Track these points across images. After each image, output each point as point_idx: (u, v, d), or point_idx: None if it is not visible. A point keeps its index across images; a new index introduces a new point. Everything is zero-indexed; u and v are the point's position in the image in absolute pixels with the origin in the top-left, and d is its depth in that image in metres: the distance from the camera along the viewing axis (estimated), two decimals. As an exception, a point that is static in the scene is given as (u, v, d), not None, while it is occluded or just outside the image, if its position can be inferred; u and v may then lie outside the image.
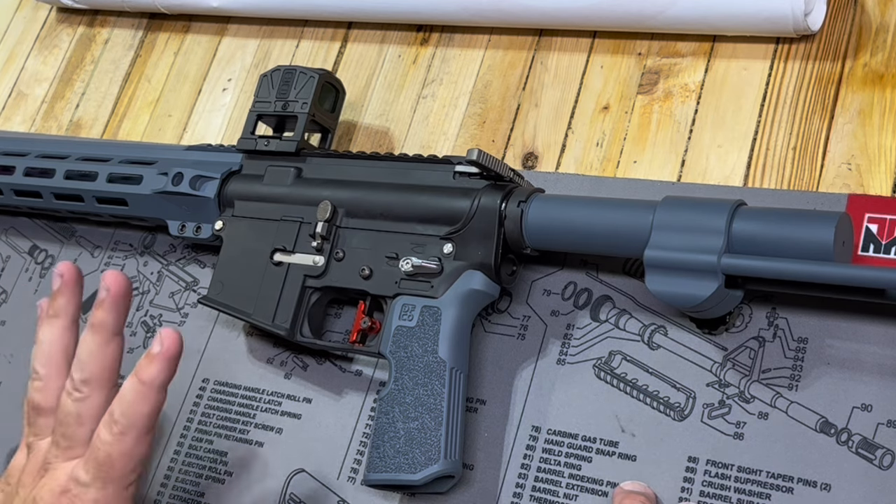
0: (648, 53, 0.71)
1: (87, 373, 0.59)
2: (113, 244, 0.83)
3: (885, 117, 0.62)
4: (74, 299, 0.63)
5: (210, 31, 0.90)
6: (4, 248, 0.87)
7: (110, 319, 0.60)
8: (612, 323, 0.63)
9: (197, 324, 0.76)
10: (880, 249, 0.58)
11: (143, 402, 0.58)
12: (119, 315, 0.60)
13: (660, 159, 0.67)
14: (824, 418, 0.56)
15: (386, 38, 0.82)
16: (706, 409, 0.59)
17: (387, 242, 0.66)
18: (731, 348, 0.60)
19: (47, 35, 0.99)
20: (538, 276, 0.66)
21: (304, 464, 0.67)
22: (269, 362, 0.72)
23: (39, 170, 0.80)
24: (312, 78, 0.72)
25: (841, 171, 0.62)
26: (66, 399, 0.60)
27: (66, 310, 0.62)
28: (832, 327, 0.58)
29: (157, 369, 0.58)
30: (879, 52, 0.64)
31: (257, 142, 0.73)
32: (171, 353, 0.58)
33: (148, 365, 0.58)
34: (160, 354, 0.58)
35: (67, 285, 0.62)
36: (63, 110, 0.93)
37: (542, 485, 0.61)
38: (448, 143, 0.75)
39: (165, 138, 0.87)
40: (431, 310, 0.63)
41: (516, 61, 0.76)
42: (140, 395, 0.58)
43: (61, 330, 0.62)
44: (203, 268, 0.78)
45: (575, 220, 0.60)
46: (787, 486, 0.56)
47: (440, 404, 0.60)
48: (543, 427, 0.62)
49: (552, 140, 0.71)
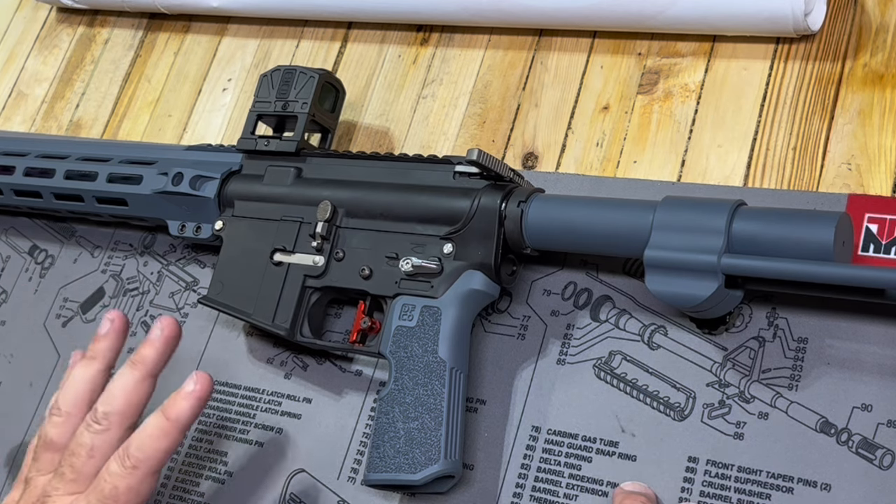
0: (648, 53, 0.71)
1: (112, 406, 0.60)
2: (113, 244, 0.83)
3: (885, 117, 0.62)
4: (116, 347, 0.64)
5: (210, 31, 0.90)
6: (4, 248, 0.87)
7: (154, 359, 0.61)
8: (612, 323, 0.63)
9: (197, 324, 0.76)
10: (880, 249, 0.58)
11: (163, 439, 0.58)
12: (162, 357, 0.62)
13: (660, 159, 0.67)
14: (824, 418, 0.56)
15: (386, 38, 0.82)
16: (706, 409, 0.59)
17: (387, 242, 0.65)
18: (731, 348, 0.60)
19: (47, 35, 0.99)
20: (538, 276, 0.66)
21: (304, 464, 0.67)
22: (269, 362, 0.72)
23: (39, 170, 0.80)
24: (312, 78, 0.72)
25: (841, 171, 0.62)
26: (82, 430, 0.60)
27: (105, 355, 0.64)
28: (832, 327, 0.58)
29: (186, 407, 0.59)
30: (879, 52, 0.64)
31: (257, 142, 0.73)
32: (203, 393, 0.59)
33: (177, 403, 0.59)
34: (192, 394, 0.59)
35: (115, 332, 0.64)
36: (63, 110, 0.93)
37: (542, 485, 0.61)
38: (448, 143, 0.75)
39: (165, 138, 0.87)
40: (431, 310, 0.63)
41: (516, 61, 0.76)
42: (163, 431, 0.58)
43: (95, 373, 0.63)
44: (203, 268, 0.78)
45: (575, 220, 0.60)
46: (787, 486, 0.56)
47: (440, 404, 0.60)
48: (543, 427, 0.62)
49: (552, 140, 0.71)
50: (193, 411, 0.59)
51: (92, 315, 0.80)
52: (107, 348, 0.64)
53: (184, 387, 0.60)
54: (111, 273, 0.81)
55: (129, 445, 0.59)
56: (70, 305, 0.81)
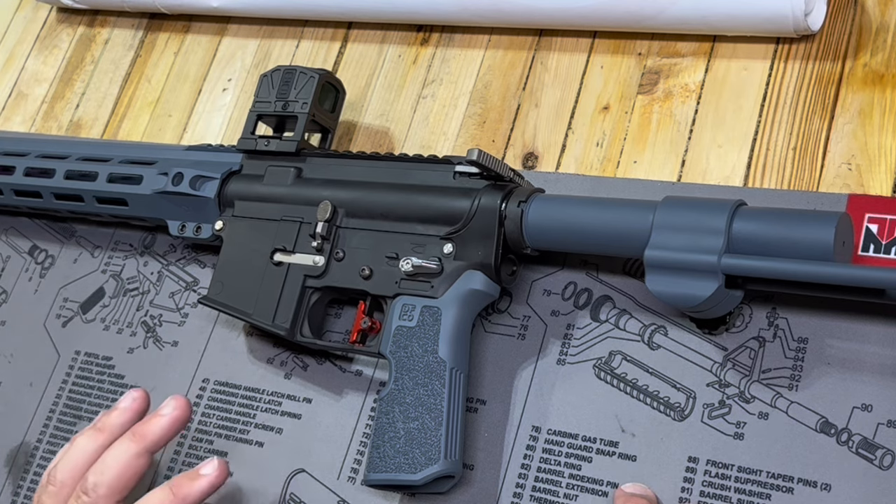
0: (648, 53, 0.71)
1: (103, 476, 0.59)
2: (113, 244, 0.83)
3: (885, 117, 0.62)
4: (128, 425, 0.62)
5: (210, 31, 0.90)
6: (4, 248, 0.87)
7: (157, 437, 0.60)
8: (612, 323, 0.63)
9: (197, 324, 0.76)
10: (880, 249, 0.58)
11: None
12: (166, 437, 0.60)
13: (660, 159, 0.67)
14: (824, 418, 0.56)
15: (386, 38, 0.82)
16: (706, 409, 0.59)
17: (387, 242, 0.65)
18: (732, 348, 0.60)
19: (47, 35, 0.99)
20: (538, 276, 0.66)
21: (304, 464, 0.67)
22: (269, 362, 0.72)
23: (39, 170, 0.80)
24: (312, 78, 0.72)
25: (841, 171, 0.62)
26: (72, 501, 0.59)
27: (114, 432, 0.62)
28: (832, 327, 0.58)
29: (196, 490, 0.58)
30: (879, 52, 0.64)
31: (257, 142, 0.73)
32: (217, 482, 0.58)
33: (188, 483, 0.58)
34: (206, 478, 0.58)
35: (134, 412, 0.62)
36: (63, 110, 0.93)
37: (542, 485, 0.61)
38: (448, 143, 0.75)
39: (165, 138, 0.87)
40: (431, 310, 0.63)
41: (516, 61, 0.76)
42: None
43: (98, 446, 0.61)
44: (203, 268, 0.78)
45: (575, 220, 0.60)
46: (787, 486, 0.56)
47: (440, 404, 0.60)
48: (543, 427, 0.62)
49: (552, 140, 0.71)
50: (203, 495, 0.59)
51: (92, 315, 0.80)
52: (119, 425, 0.62)
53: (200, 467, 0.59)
54: (111, 273, 0.81)
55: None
56: (70, 305, 0.81)
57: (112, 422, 0.62)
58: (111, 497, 0.59)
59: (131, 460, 0.60)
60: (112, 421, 0.62)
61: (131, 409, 0.62)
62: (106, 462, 0.60)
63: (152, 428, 0.60)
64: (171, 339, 0.76)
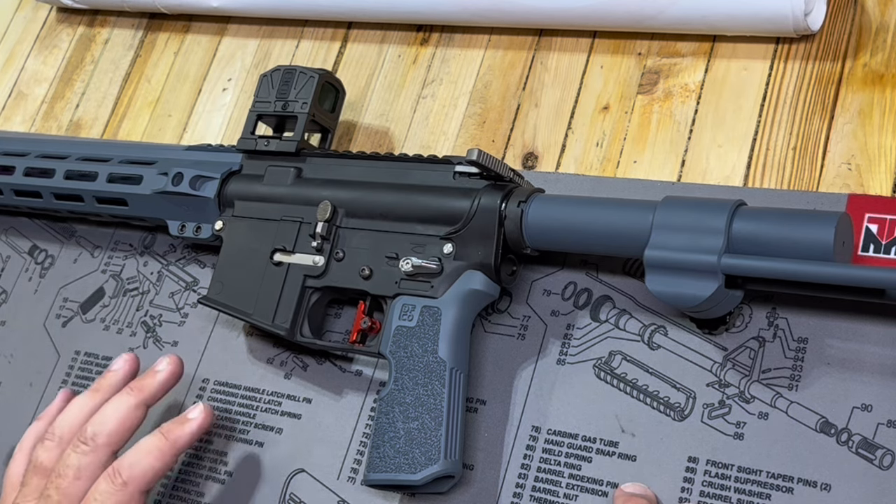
0: (648, 53, 0.71)
1: (103, 427, 0.61)
2: (113, 244, 0.83)
3: (885, 117, 0.62)
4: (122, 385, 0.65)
5: (210, 31, 0.90)
6: (4, 248, 0.87)
7: (153, 389, 0.63)
8: (612, 323, 0.63)
9: (197, 324, 0.76)
10: (880, 249, 0.58)
11: (157, 459, 0.59)
12: (161, 390, 0.63)
13: (660, 159, 0.67)
14: (824, 418, 0.56)
15: (386, 38, 0.82)
16: (706, 409, 0.59)
17: (387, 242, 0.65)
18: (731, 348, 0.60)
19: (47, 35, 0.99)
20: (538, 276, 0.66)
21: (304, 464, 0.67)
22: (269, 362, 0.72)
23: (39, 170, 0.80)
24: (312, 78, 0.72)
25: (841, 171, 0.62)
26: (69, 452, 0.60)
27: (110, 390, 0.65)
28: (832, 327, 0.58)
29: (186, 432, 0.61)
30: (879, 52, 0.64)
31: (257, 142, 0.73)
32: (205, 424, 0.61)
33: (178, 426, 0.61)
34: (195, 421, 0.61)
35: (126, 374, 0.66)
36: (63, 110, 0.93)
37: (542, 485, 0.61)
38: (448, 143, 0.75)
39: (165, 138, 0.87)
40: (431, 310, 0.63)
41: (516, 61, 0.76)
42: (160, 450, 0.59)
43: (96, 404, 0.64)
44: (203, 268, 0.78)
45: (575, 220, 0.60)
46: (787, 487, 0.56)
47: (440, 404, 0.60)
48: (543, 427, 0.62)
49: (552, 140, 0.71)
50: (192, 438, 0.61)
51: (92, 315, 0.80)
52: (114, 384, 0.65)
53: (187, 413, 0.62)
54: (111, 273, 0.81)
55: (121, 463, 0.59)
56: (70, 305, 0.81)
57: (108, 382, 0.65)
58: (109, 447, 0.61)
59: (130, 411, 0.62)
60: (108, 381, 0.65)
61: (124, 370, 0.66)
62: (105, 413, 0.62)
63: (149, 381, 0.63)
64: (171, 339, 0.76)
